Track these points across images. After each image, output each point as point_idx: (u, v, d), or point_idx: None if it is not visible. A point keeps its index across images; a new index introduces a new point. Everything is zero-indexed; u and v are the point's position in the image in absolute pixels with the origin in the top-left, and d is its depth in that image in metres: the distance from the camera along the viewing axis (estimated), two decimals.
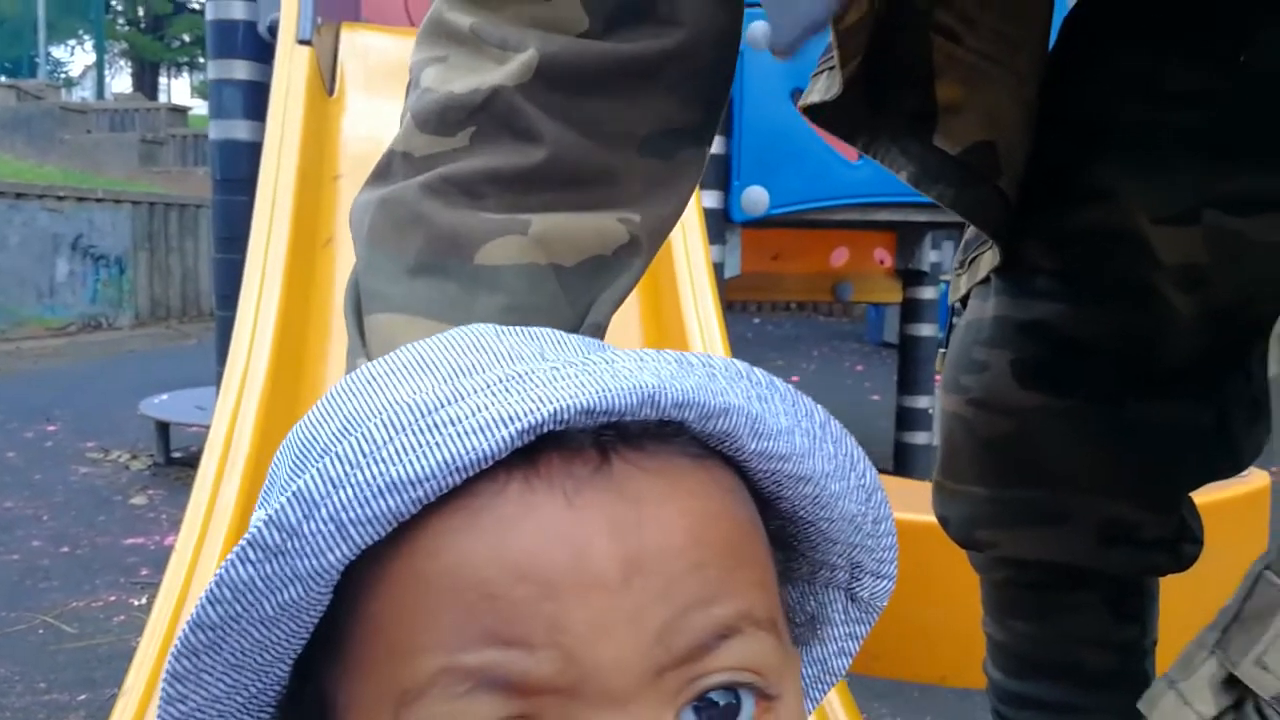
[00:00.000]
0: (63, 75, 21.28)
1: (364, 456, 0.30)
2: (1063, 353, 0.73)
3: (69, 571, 2.80)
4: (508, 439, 0.29)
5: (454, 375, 0.32)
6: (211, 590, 0.31)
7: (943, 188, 0.71)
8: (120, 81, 23.47)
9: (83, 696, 2.06)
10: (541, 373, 0.31)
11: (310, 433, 0.35)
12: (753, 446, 0.33)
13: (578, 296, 0.55)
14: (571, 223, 0.54)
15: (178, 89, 25.84)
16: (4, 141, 11.33)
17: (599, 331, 0.57)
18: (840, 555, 0.38)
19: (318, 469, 0.30)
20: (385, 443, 0.30)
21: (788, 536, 0.38)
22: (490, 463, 0.30)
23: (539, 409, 0.29)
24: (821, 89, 0.69)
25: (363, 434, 0.30)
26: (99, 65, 19.92)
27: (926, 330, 3.80)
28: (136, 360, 7.00)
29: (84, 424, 4.65)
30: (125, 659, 2.27)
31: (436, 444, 0.29)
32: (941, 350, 0.84)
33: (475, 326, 0.36)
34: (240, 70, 2.68)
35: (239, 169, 2.73)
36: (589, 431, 0.31)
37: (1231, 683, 0.41)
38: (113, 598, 2.62)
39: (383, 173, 0.58)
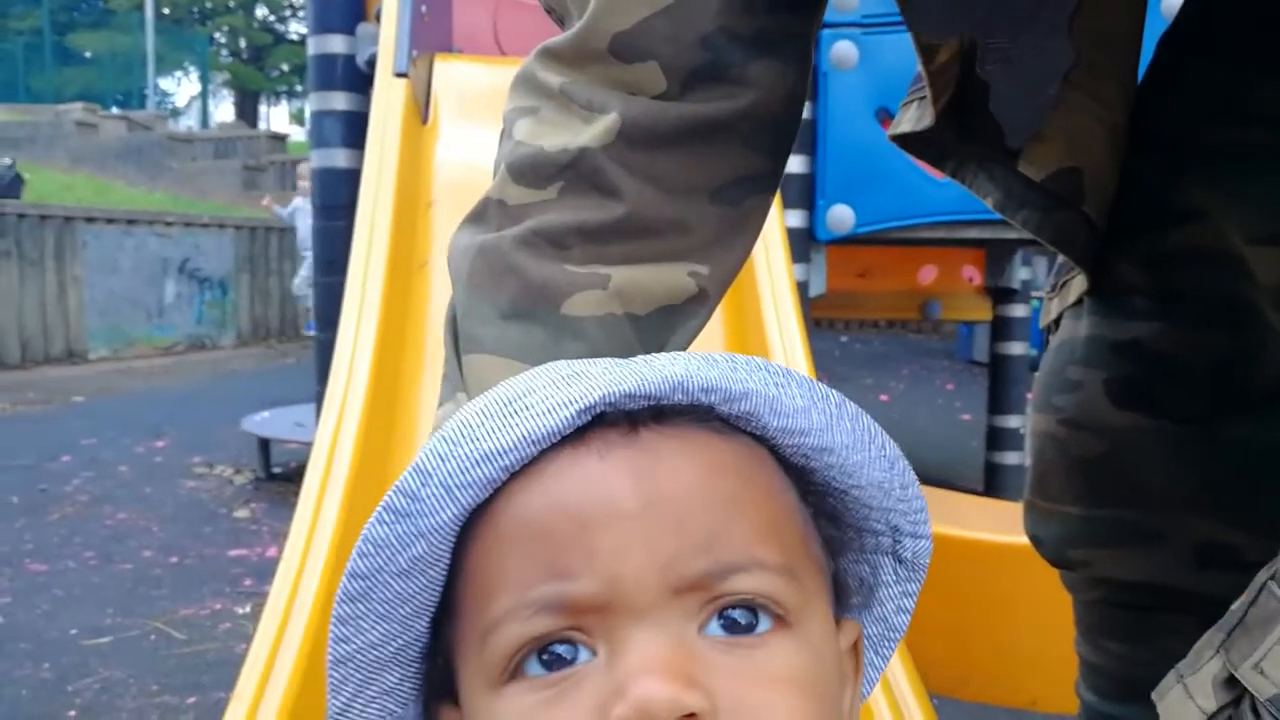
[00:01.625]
0: (170, 106, 22.25)
1: (463, 435, 0.39)
2: (1157, 372, 0.72)
3: (178, 580, 2.93)
4: (569, 418, 0.38)
5: (531, 378, 0.41)
6: (359, 546, 0.39)
7: (1027, 213, 0.72)
8: (223, 110, 24.45)
9: (192, 699, 2.16)
10: (596, 370, 0.40)
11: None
12: (774, 424, 0.40)
13: (649, 341, 0.60)
14: (645, 276, 0.59)
15: (276, 117, 26.77)
16: (116, 170, 11.91)
17: None
18: (879, 520, 0.44)
19: (430, 446, 0.39)
20: (479, 424, 0.39)
21: (830, 509, 0.44)
22: (558, 437, 0.38)
23: (591, 394, 0.38)
24: (912, 119, 0.70)
25: (464, 418, 0.39)
26: (203, 95, 20.81)
27: (1017, 349, 3.73)
28: (238, 379, 7.27)
29: (190, 440, 4.85)
30: (231, 664, 2.37)
31: (516, 424, 0.38)
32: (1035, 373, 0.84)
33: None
34: (339, 101, 2.79)
35: (338, 195, 2.83)
36: (631, 412, 0.39)
37: (1232, 682, 0.43)
38: (219, 606, 2.73)
39: (479, 217, 0.62)
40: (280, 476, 4.10)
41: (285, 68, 24.14)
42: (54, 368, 7.35)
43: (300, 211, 7.91)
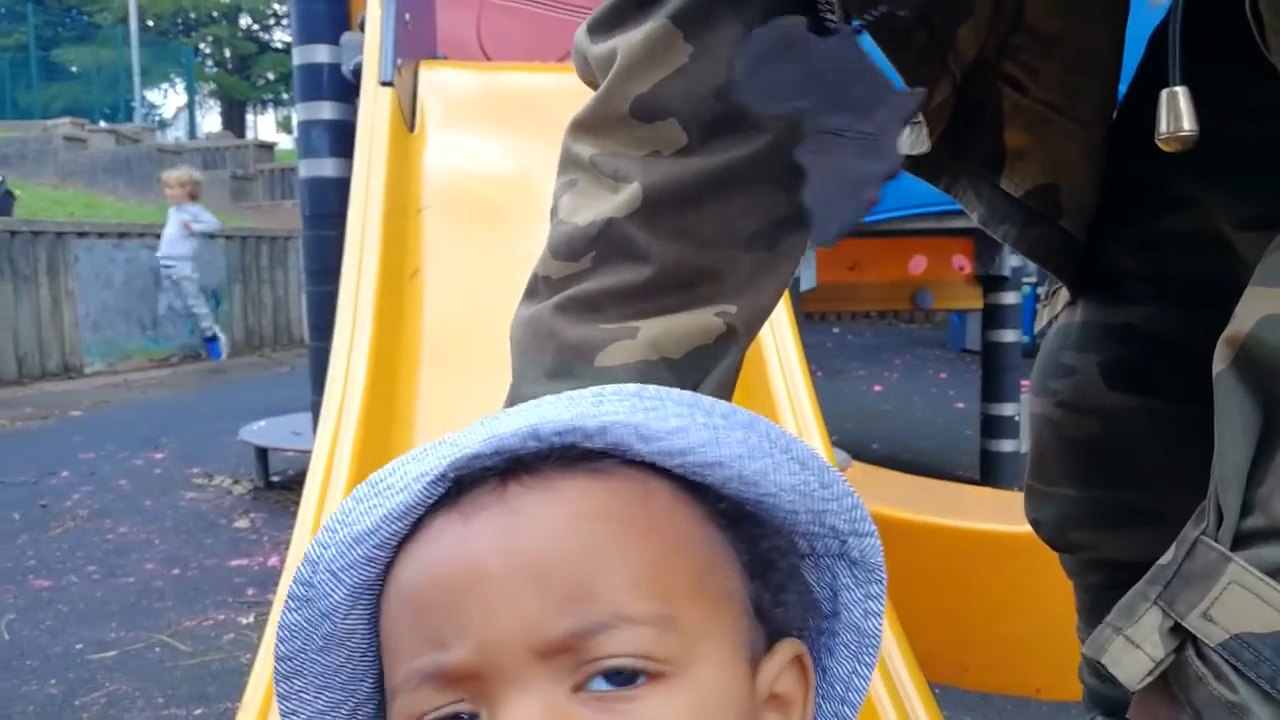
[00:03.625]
0: (157, 118, 22.21)
1: (340, 520, 0.42)
2: (1151, 354, 0.74)
3: (181, 592, 2.94)
4: (421, 491, 0.40)
5: (403, 457, 0.43)
6: (279, 632, 0.43)
7: (1007, 227, 0.75)
8: (210, 121, 24.40)
9: (199, 711, 2.17)
10: (465, 435, 0.40)
11: None
12: (645, 449, 0.40)
13: (685, 381, 0.63)
14: (674, 323, 0.63)
15: (264, 125, 26.73)
16: (107, 184, 11.89)
17: None
18: (814, 523, 0.44)
19: (318, 533, 0.42)
20: (352, 508, 0.41)
21: (754, 521, 0.44)
22: (418, 510, 0.40)
23: (440, 463, 0.39)
24: (909, 142, 0.74)
25: (343, 504, 0.42)
26: (190, 106, 20.77)
27: (1009, 336, 3.75)
28: (234, 388, 7.27)
29: (188, 451, 4.86)
30: (237, 674, 2.39)
31: (378, 504, 0.40)
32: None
33: None
34: (326, 111, 2.81)
35: (327, 204, 2.85)
36: (497, 468, 0.39)
37: (1176, 631, 0.46)
38: (222, 616, 2.74)
39: (531, 292, 0.69)
40: (279, 485, 4.11)
41: (271, 76, 24.11)
42: (51, 383, 7.34)
43: (175, 215, 7.50)
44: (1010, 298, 3.79)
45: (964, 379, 6.53)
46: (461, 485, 0.40)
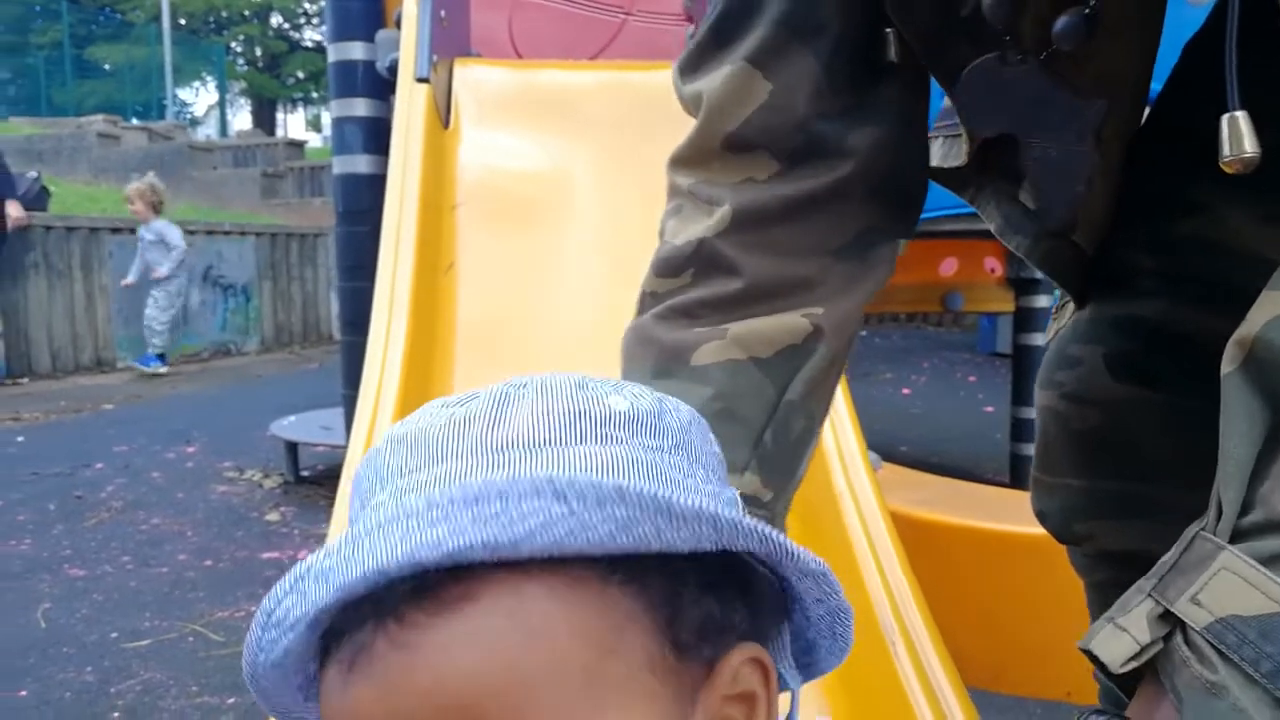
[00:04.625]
0: (189, 116, 22.44)
1: (252, 649, 0.41)
2: (1157, 347, 0.75)
3: (213, 584, 2.97)
4: (304, 634, 0.38)
5: (286, 579, 0.39)
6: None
7: (1020, 239, 0.77)
8: (240, 119, 24.63)
9: (231, 700, 2.20)
10: (329, 558, 0.37)
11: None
12: (489, 557, 0.36)
13: (777, 378, 0.67)
14: (760, 324, 0.67)
15: (293, 124, 26.94)
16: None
17: (793, 407, 0.68)
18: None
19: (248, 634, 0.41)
20: (256, 639, 0.40)
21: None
22: (310, 650, 0.40)
23: (308, 611, 0.37)
24: (941, 154, 0.77)
25: (251, 631, 0.41)
26: (221, 105, 20.97)
27: (1040, 339, 3.72)
28: (264, 384, 7.34)
29: (220, 445, 4.91)
30: None
31: (274, 640, 0.39)
32: None
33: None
34: (360, 108, 2.83)
35: (360, 201, 2.87)
36: (370, 604, 0.37)
37: (1166, 618, 0.45)
38: (253, 608, 2.75)
39: (640, 306, 0.74)
40: (308, 480, 4.15)
41: (300, 75, 24.31)
42: (84, 377, 7.44)
43: (147, 234, 7.38)
44: (1042, 300, 3.76)
45: (993, 382, 6.49)
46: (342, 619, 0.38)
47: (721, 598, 0.40)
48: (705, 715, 0.39)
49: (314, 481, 4.12)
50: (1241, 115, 0.60)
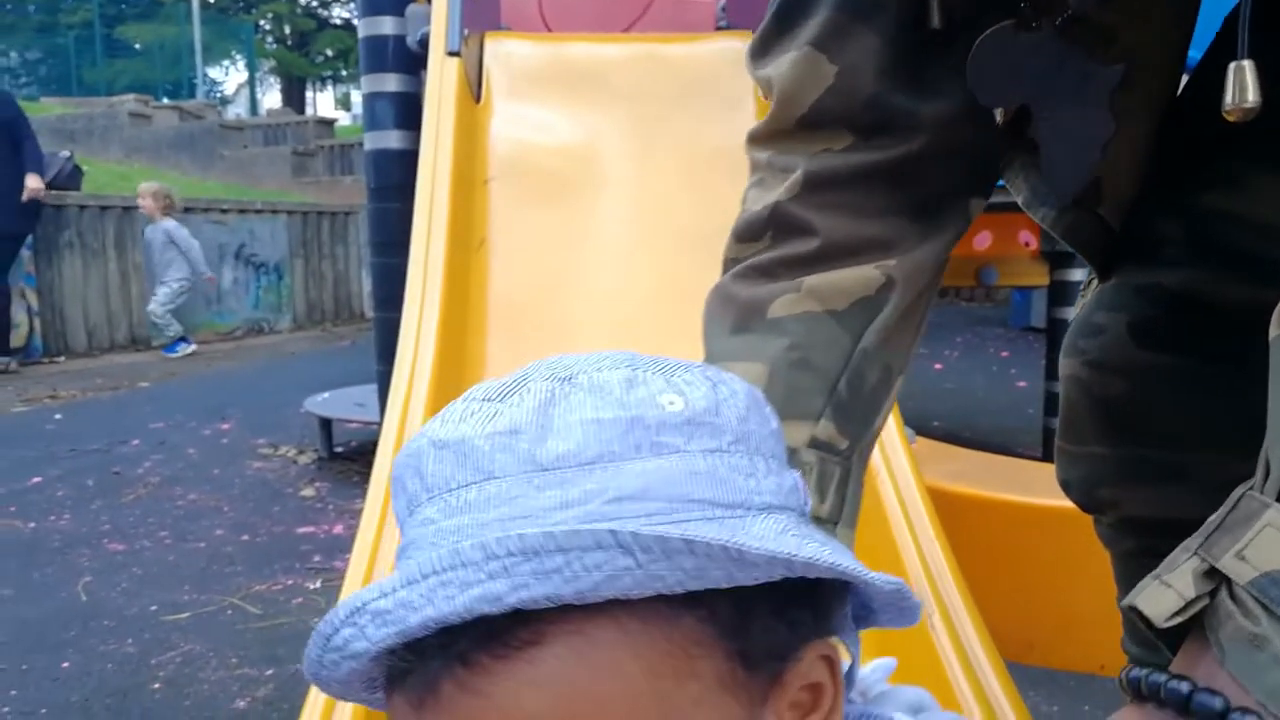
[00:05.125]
0: (219, 94, 22.56)
1: (313, 667, 0.41)
2: (1181, 313, 0.75)
3: (250, 558, 3.01)
4: (368, 666, 0.39)
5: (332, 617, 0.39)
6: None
7: (1045, 211, 0.77)
8: (270, 98, 24.73)
9: (270, 671, 2.23)
10: (397, 593, 0.36)
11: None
12: (552, 606, 0.35)
13: (852, 329, 0.69)
14: (835, 276, 0.69)
15: (323, 102, 27.02)
16: (170, 159, 12.13)
17: (867, 356, 0.70)
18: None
19: (307, 647, 0.41)
20: (316, 658, 0.40)
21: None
22: (367, 668, 0.39)
23: (370, 648, 0.37)
24: None
25: (306, 653, 0.41)
26: (251, 83, 21.06)
27: (1075, 313, 3.68)
28: (297, 361, 7.40)
29: (254, 422, 4.96)
30: (305, 637, 2.41)
31: (332, 662, 0.39)
32: None
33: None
34: (391, 83, 2.82)
35: (391, 177, 2.87)
36: (435, 643, 0.36)
37: (1211, 574, 0.45)
38: (290, 582, 2.80)
39: (723, 272, 0.76)
40: (342, 456, 4.18)
41: (329, 53, 24.34)
42: (120, 354, 7.54)
43: (156, 233, 7.44)
44: (1077, 274, 3.71)
45: (1026, 357, 6.43)
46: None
47: (789, 610, 0.40)
48: (775, 714, 0.39)
49: (348, 457, 4.16)
50: (1248, 64, 0.60)
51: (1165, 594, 0.46)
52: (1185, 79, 0.79)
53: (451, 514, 0.38)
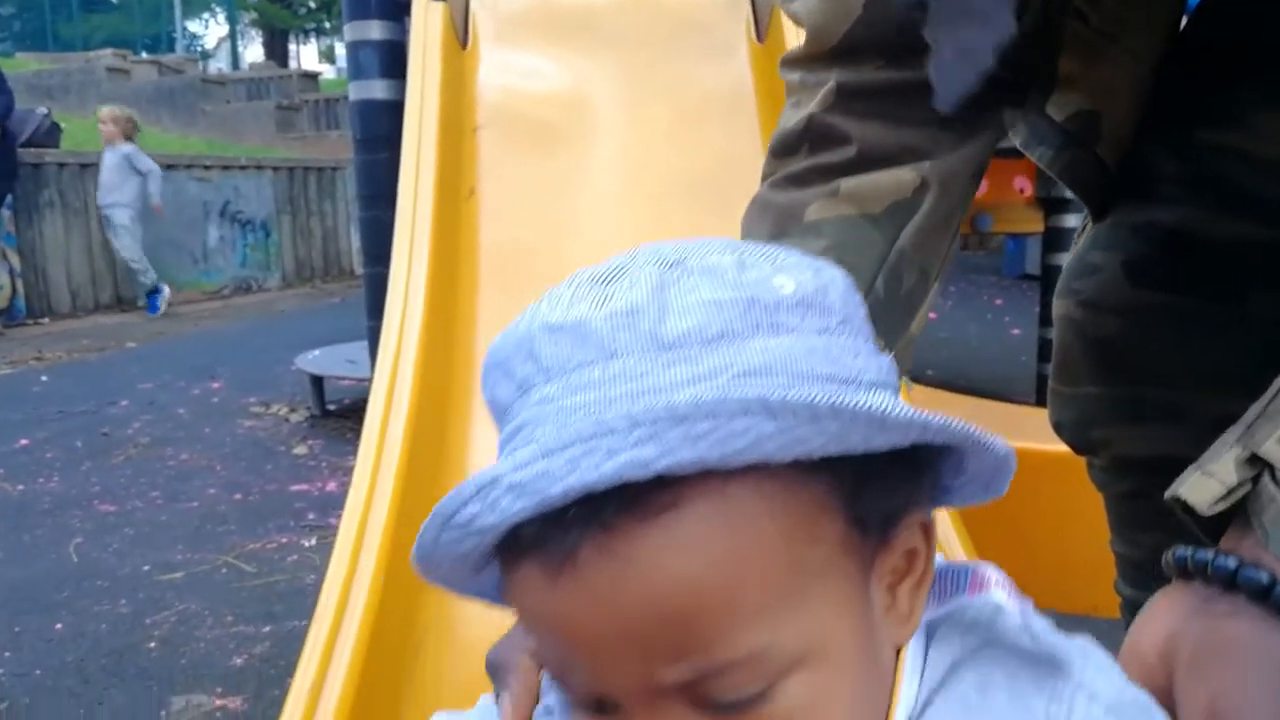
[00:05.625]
0: (199, 48, 22.19)
1: (424, 547, 0.41)
2: (1176, 250, 0.74)
3: (243, 516, 2.99)
4: (483, 542, 0.39)
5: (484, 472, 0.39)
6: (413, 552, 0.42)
7: (1043, 150, 0.77)
8: (252, 51, 24.33)
9: (267, 628, 2.22)
10: (508, 472, 0.37)
11: None
12: (697, 472, 0.36)
13: (887, 230, 0.70)
14: (870, 179, 0.70)
15: (306, 55, 26.62)
16: (150, 115, 11.93)
17: (903, 256, 0.71)
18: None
19: (422, 529, 0.41)
20: (429, 539, 0.40)
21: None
22: (488, 545, 0.39)
23: (503, 520, 0.37)
24: None
25: (421, 532, 0.41)
26: (232, 36, 20.70)
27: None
28: (287, 319, 7.35)
29: (244, 380, 4.93)
30: (302, 594, 2.43)
31: (456, 540, 0.39)
32: None
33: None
34: (375, 30, 2.74)
35: (378, 127, 2.80)
36: (571, 512, 0.36)
37: (1253, 461, 0.46)
38: (284, 540, 2.79)
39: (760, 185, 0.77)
40: (334, 413, 4.16)
41: (312, 4, 23.92)
42: (105, 315, 7.47)
43: (114, 156, 7.17)
44: (1071, 220, 3.68)
45: (1019, 305, 6.42)
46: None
47: (896, 479, 0.41)
48: (878, 578, 0.42)
49: (340, 415, 4.13)
50: None
51: (1208, 483, 0.47)
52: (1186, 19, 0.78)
53: (575, 391, 0.38)
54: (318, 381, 4.11)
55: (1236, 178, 0.72)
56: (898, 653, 0.43)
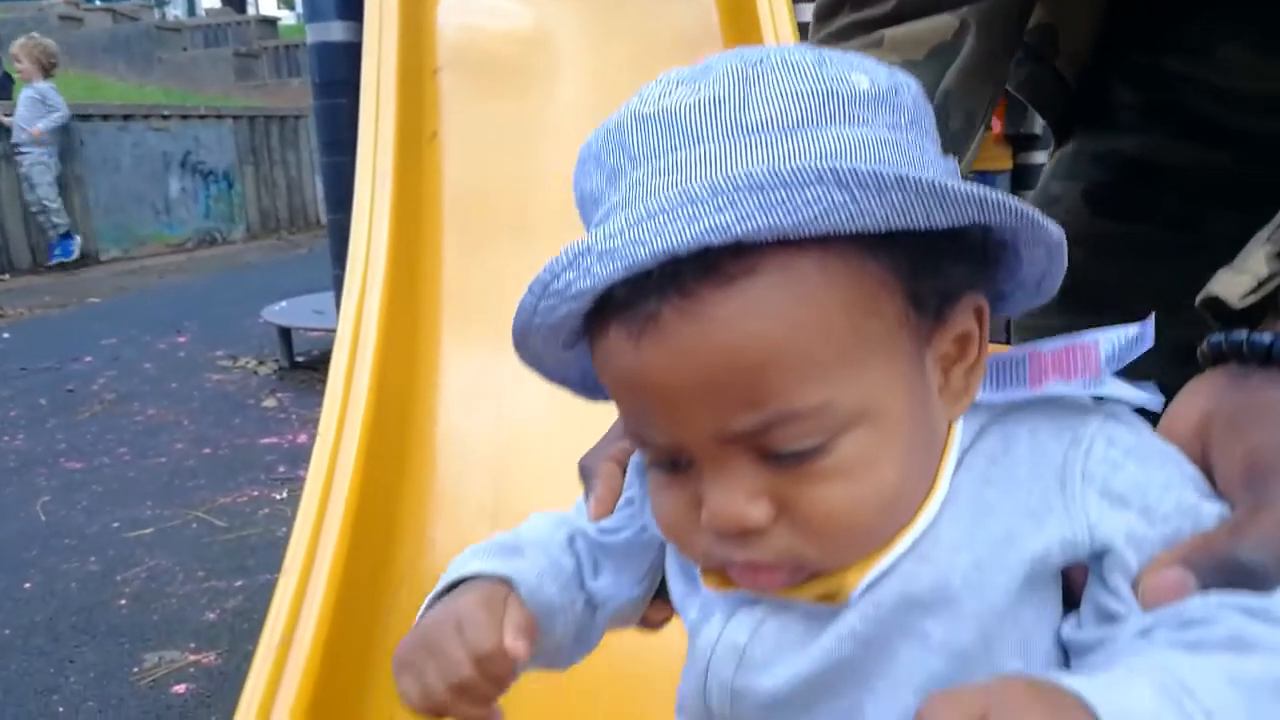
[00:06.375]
0: None
1: (526, 311, 0.44)
2: (1138, 178, 0.75)
3: (213, 471, 2.96)
4: (577, 307, 0.42)
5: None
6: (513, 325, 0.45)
7: None
8: None
9: (239, 582, 2.20)
10: (620, 235, 0.40)
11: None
12: (771, 239, 0.39)
13: (930, 74, 0.68)
14: (911, 28, 0.69)
15: (264, 0, 25.95)
16: (105, 65, 11.65)
17: (948, 97, 0.70)
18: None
19: (520, 303, 0.44)
20: (529, 305, 0.43)
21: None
22: (582, 310, 0.42)
23: (594, 285, 0.40)
24: None
25: (525, 294, 0.43)
26: None
27: None
28: (253, 271, 7.25)
29: (211, 334, 4.86)
30: (274, 547, 2.41)
31: (552, 306, 0.42)
32: None
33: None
34: None
35: (337, 71, 2.72)
36: (654, 278, 0.40)
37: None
38: (255, 493, 2.76)
39: None
40: (303, 365, 4.11)
41: None
42: (66, 271, 7.33)
43: (24, 94, 6.80)
44: (1039, 157, 3.68)
45: None
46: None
47: (952, 260, 0.44)
48: (933, 358, 0.44)
49: (309, 366, 4.08)
50: None
51: (1239, 278, 0.49)
52: None
53: (662, 174, 0.41)
54: (285, 333, 4.06)
55: (1198, 107, 0.72)
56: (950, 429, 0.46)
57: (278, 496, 2.74)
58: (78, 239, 7.23)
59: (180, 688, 1.81)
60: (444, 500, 1.53)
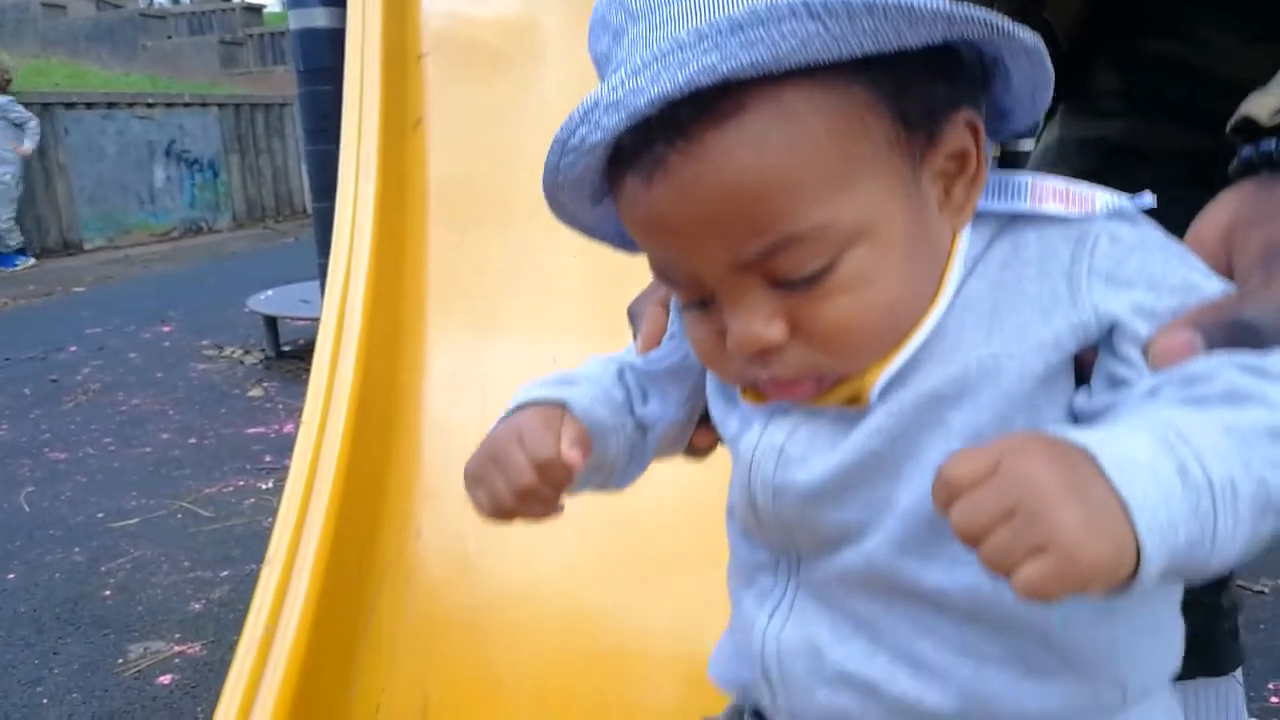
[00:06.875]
0: None
1: (550, 169, 0.48)
2: (1117, 165, 0.75)
3: (199, 460, 2.94)
4: (602, 154, 0.46)
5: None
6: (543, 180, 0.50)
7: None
8: None
9: (225, 573, 2.19)
10: (628, 84, 0.43)
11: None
12: (755, 75, 0.42)
13: None
14: None
15: None
16: (89, 53, 11.54)
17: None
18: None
19: (545, 163, 0.48)
20: (554, 163, 0.47)
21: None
22: (600, 165, 0.46)
23: (605, 136, 0.44)
24: None
25: (548, 159, 0.48)
26: None
27: None
28: (239, 261, 7.20)
29: (197, 323, 4.83)
30: (259, 537, 2.40)
31: (569, 164, 0.47)
32: None
33: None
34: None
35: (321, 58, 2.69)
36: (655, 126, 0.43)
37: None
38: (241, 483, 2.75)
39: None
40: (290, 355, 4.09)
41: None
42: (51, 260, 7.28)
43: None
44: (1026, 144, 3.67)
45: None
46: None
47: (938, 78, 0.46)
48: (930, 174, 0.47)
49: (295, 355, 4.06)
50: None
51: (1267, 99, 0.52)
52: None
53: (657, 28, 0.45)
54: (271, 322, 4.04)
55: (1177, 91, 0.73)
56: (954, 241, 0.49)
57: (264, 486, 2.73)
58: (30, 258, 7.08)
59: (165, 678, 1.81)
60: (429, 488, 1.52)
